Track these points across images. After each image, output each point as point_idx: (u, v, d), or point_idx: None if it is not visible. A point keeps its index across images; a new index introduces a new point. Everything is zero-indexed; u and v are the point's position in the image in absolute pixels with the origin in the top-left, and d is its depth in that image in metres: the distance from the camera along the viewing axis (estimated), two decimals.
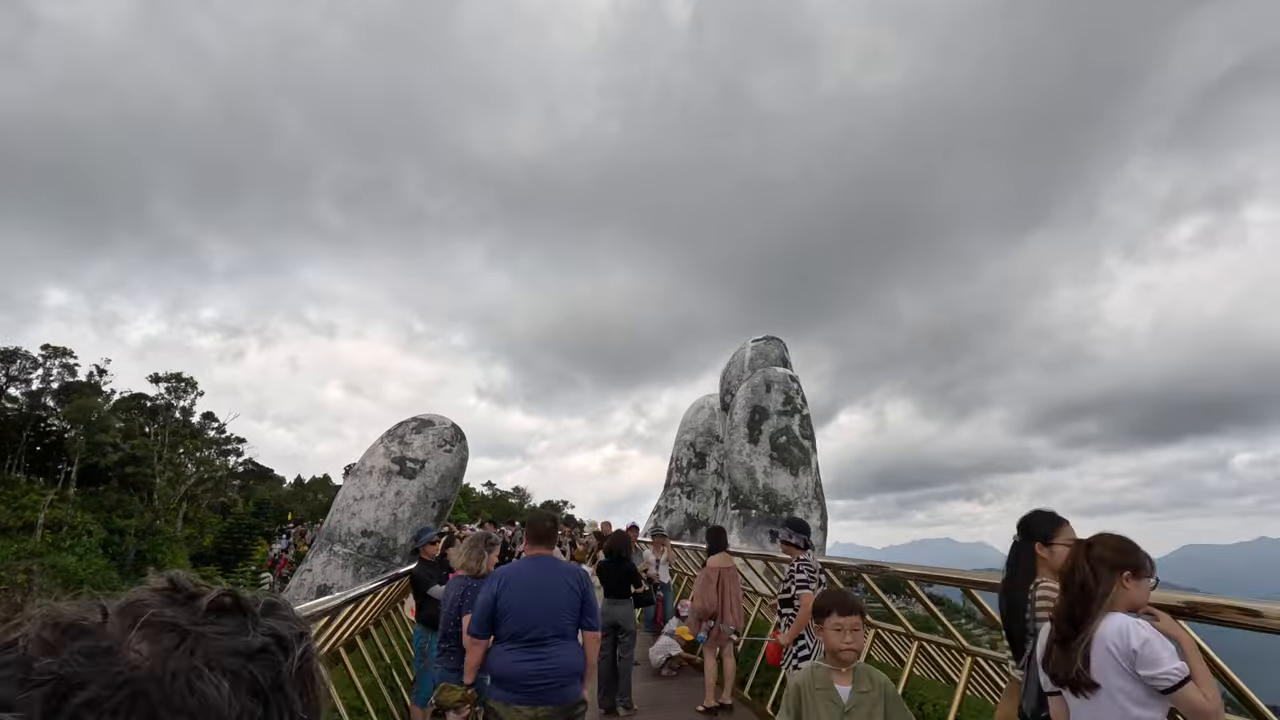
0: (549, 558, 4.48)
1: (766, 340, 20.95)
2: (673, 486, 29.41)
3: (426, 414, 24.72)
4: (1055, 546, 4.04)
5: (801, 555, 5.76)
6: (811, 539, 5.93)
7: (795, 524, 5.98)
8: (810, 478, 16.02)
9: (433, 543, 7.19)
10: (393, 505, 22.26)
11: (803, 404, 16.76)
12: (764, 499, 15.62)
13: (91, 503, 38.86)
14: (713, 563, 7.91)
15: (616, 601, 7.83)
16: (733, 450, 16.46)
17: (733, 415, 16.99)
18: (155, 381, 48.48)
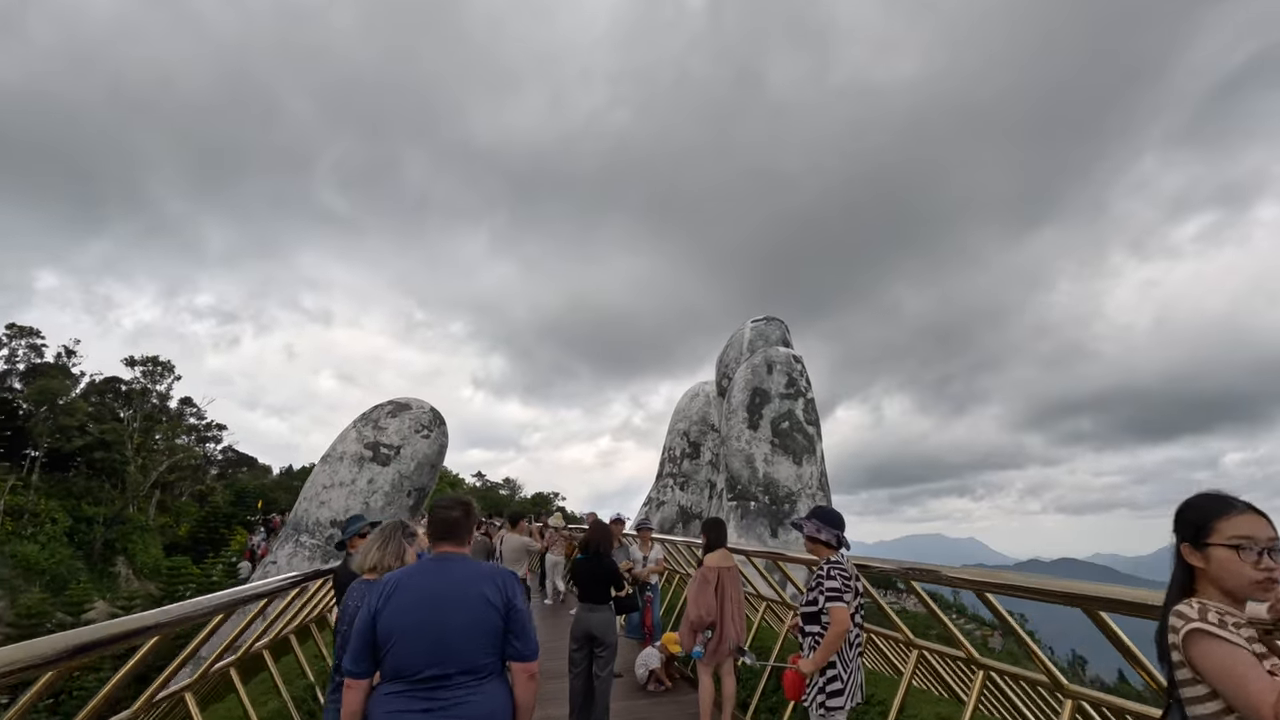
0: (458, 558, 3.07)
1: (767, 321, 19.56)
2: (665, 478, 28.10)
3: (404, 397, 23.27)
4: (1213, 549, 2.66)
5: (833, 556, 4.38)
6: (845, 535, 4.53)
7: (825, 515, 4.57)
8: (815, 467, 14.66)
9: (363, 535, 5.79)
10: (365, 493, 20.84)
11: (807, 387, 15.39)
12: (764, 490, 14.27)
13: (58, 489, 37.21)
14: (710, 561, 6.52)
15: (593, 607, 6.44)
16: (730, 436, 15.08)
17: (730, 399, 15.60)
18: (131, 365, 46.80)
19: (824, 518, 4.53)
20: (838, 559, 4.37)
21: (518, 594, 3.06)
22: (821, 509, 4.65)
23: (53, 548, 32.85)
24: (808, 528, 4.50)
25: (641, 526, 9.36)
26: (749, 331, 19.28)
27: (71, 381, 40.47)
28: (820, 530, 4.45)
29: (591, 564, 6.57)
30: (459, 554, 3.10)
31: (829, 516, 4.55)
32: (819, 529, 4.46)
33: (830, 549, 4.44)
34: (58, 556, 32.57)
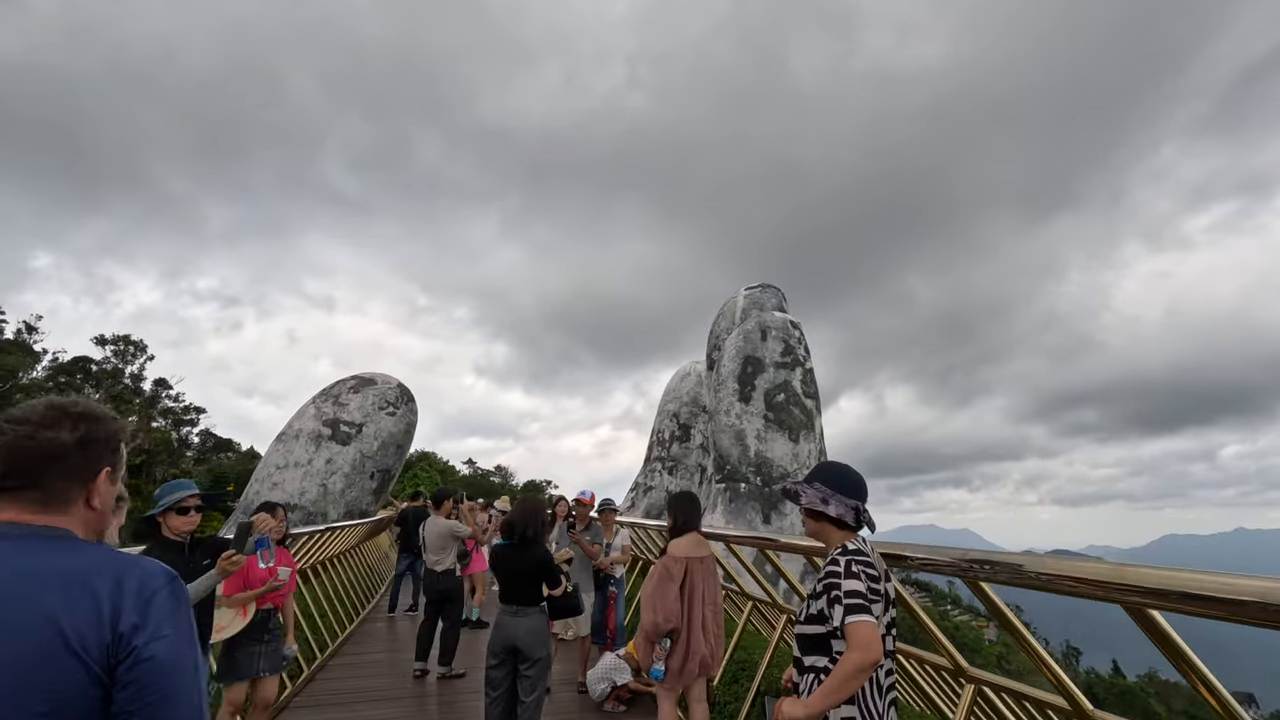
0: (27, 535, 1.39)
1: (762, 288, 17.86)
2: (653, 462, 26.47)
3: (369, 372, 21.53)
4: None
5: (850, 541, 2.70)
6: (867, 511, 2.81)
7: (835, 476, 2.83)
8: (814, 444, 13.01)
9: (184, 510, 4.10)
10: (322, 474, 19.10)
11: (805, 355, 13.71)
12: (756, 470, 12.62)
13: None
14: (677, 550, 4.85)
15: (518, 611, 4.78)
16: (719, 411, 13.41)
17: (720, 369, 13.92)
18: (101, 344, 44.95)
19: (833, 480, 2.80)
20: (858, 546, 2.69)
21: (167, 617, 1.40)
22: (830, 466, 2.90)
23: None
24: (807, 496, 2.78)
25: (604, 507, 7.68)
26: (742, 299, 17.58)
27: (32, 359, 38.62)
28: (828, 500, 2.75)
29: (516, 553, 4.89)
30: (35, 527, 1.43)
31: (841, 478, 2.81)
32: (825, 498, 2.75)
33: (845, 530, 2.75)
34: None
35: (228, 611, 4.93)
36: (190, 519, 4.04)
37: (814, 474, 2.85)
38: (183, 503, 4.02)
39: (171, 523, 4.00)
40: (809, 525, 2.84)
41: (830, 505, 2.72)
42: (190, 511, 4.03)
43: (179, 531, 4.01)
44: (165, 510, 4.02)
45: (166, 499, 4.02)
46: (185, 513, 4.02)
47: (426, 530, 7.49)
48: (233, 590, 4.93)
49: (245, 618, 4.96)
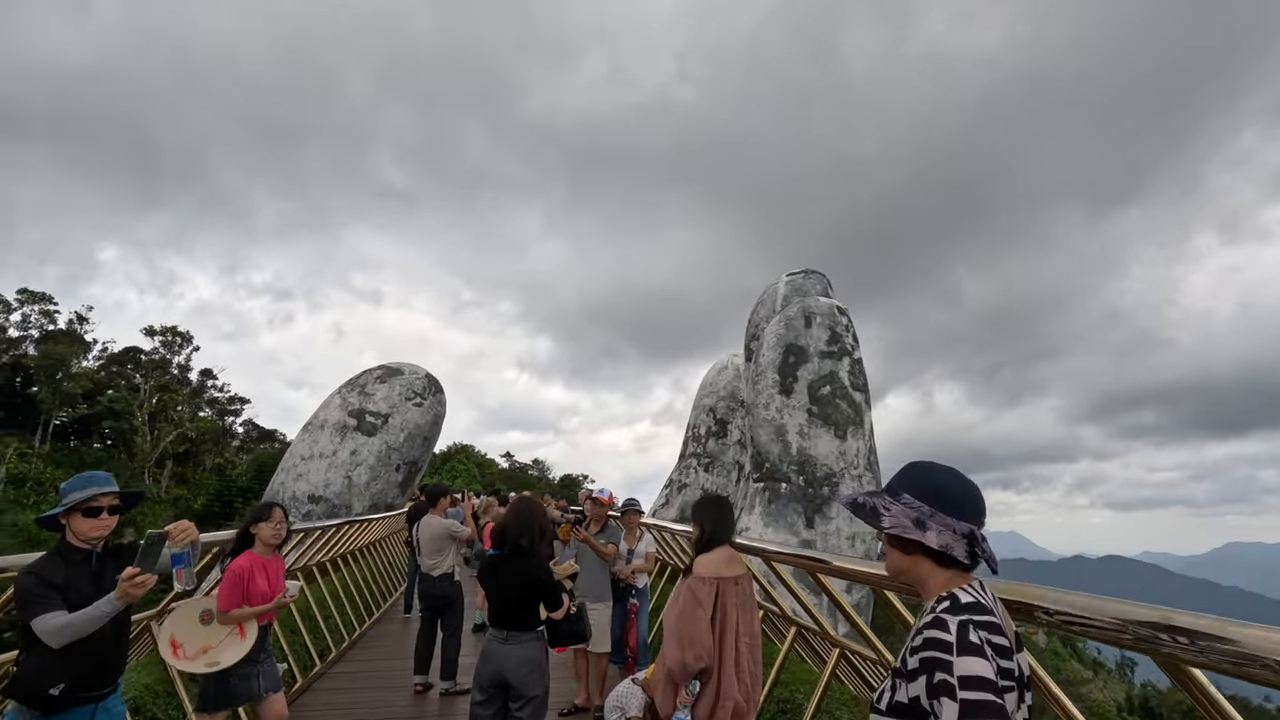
0: None
1: (805, 274, 16.71)
2: (688, 458, 25.52)
3: (397, 361, 21.05)
4: None
5: (962, 589, 1.68)
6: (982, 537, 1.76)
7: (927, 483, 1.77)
8: (863, 441, 11.87)
9: (93, 512, 3.30)
10: (347, 466, 18.63)
11: (854, 345, 12.56)
12: (798, 468, 11.56)
13: (70, 458, 36.40)
14: (706, 567, 3.91)
15: (510, 636, 3.91)
16: (758, 404, 12.37)
17: (759, 359, 12.87)
18: (150, 334, 46.01)
19: (930, 490, 1.73)
20: (975, 598, 1.67)
21: None
22: (925, 471, 1.82)
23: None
24: (891, 514, 1.74)
25: (627, 508, 6.75)
26: (784, 286, 16.46)
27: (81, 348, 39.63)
28: (924, 523, 1.70)
29: (507, 566, 4.01)
30: None
31: (942, 488, 1.72)
32: (920, 518, 1.71)
33: (953, 570, 1.73)
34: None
35: (219, 630, 4.11)
36: (101, 522, 3.15)
37: (900, 480, 1.77)
38: (92, 501, 3.12)
39: (76, 525, 3.11)
40: (894, 560, 1.81)
41: (929, 530, 1.70)
42: (101, 513, 3.14)
43: (86, 538, 3.13)
44: (69, 510, 3.20)
45: (71, 496, 3.13)
46: (94, 514, 3.13)
47: (421, 531, 6.70)
48: (229, 605, 4.10)
49: (244, 639, 4.13)
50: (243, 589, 4.16)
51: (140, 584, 2.94)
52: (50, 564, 3.07)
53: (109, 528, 3.22)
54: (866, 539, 11.31)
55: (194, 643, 4.06)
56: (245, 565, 4.23)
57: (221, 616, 4.10)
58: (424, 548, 6.65)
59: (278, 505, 4.59)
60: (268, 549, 4.42)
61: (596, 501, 6.61)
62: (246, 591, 4.17)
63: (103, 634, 3.01)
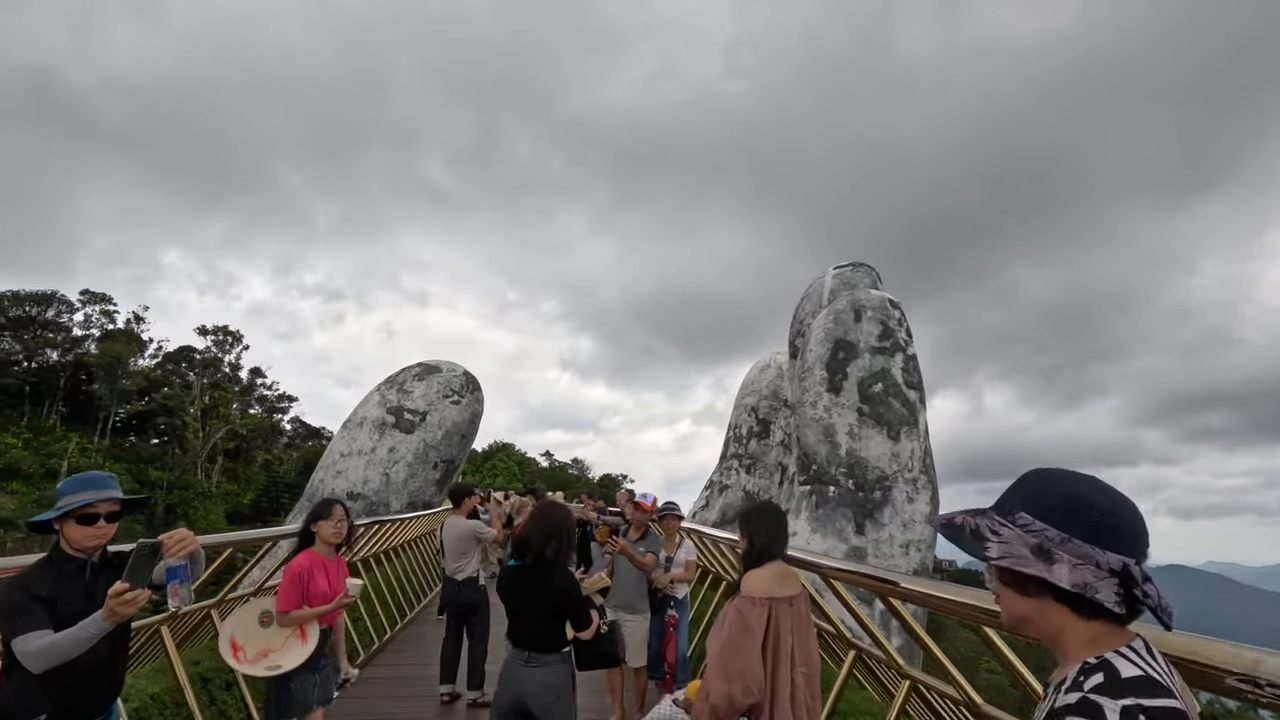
0: None
1: (854, 267, 15.94)
2: (729, 459, 24.93)
3: (435, 359, 20.99)
4: None
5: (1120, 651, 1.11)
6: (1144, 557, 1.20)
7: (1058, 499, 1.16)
8: (917, 443, 11.13)
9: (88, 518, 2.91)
10: (385, 463, 18.60)
11: (907, 340, 11.81)
12: (847, 471, 10.89)
13: (129, 453, 37.67)
14: (756, 586, 3.38)
15: (531, 658, 3.46)
16: (804, 403, 11.73)
17: (805, 355, 12.23)
18: (203, 334, 47.42)
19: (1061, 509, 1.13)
20: (1142, 667, 1.11)
21: None
22: (1054, 481, 1.18)
23: None
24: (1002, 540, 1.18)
25: (665, 512, 6.23)
26: (830, 280, 15.72)
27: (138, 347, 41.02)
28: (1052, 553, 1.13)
29: (530, 580, 3.56)
30: None
31: (1077, 507, 1.11)
32: (1044, 545, 1.13)
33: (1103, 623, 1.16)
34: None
35: (279, 633, 3.86)
36: (96, 531, 2.72)
37: (1016, 494, 1.23)
38: (88, 508, 2.70)
39: (71, 533, 2.70)
40: (1011, 604, 1.22)
41: (1057, 563, 1.13)
42: (98, 520, 2.71)
43: (80, 546, 2.72)
44: (63, 516, 2.71)
45: (66, 500, 2.72)
46: (90, 522, 2.70)
47: (444, 533, 6.32)
48: (289, 606, 3.85)
49: (305, 642, 3.88)
50: (302, 589, 3.89)
51: (129, 601, 2.50)
52: (38, 574, 2.67)
53: (105, 537, 2.79)
54: (923, 547, 10.58)
55: (255, 645, 3.83)
56: (305, 564, 3.96)
57: (281, 618, 3.85)
58: (448, 550, 6.27)
59: (338, 503, 4.29)
60: (328, 548, 4.16)
61: (638, 506, 6.09)
62: (306, 592, 3.89)
63: (94, 653, 2.58)
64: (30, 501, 29.99)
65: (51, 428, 35.58)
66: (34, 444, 32.69)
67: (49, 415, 36.88)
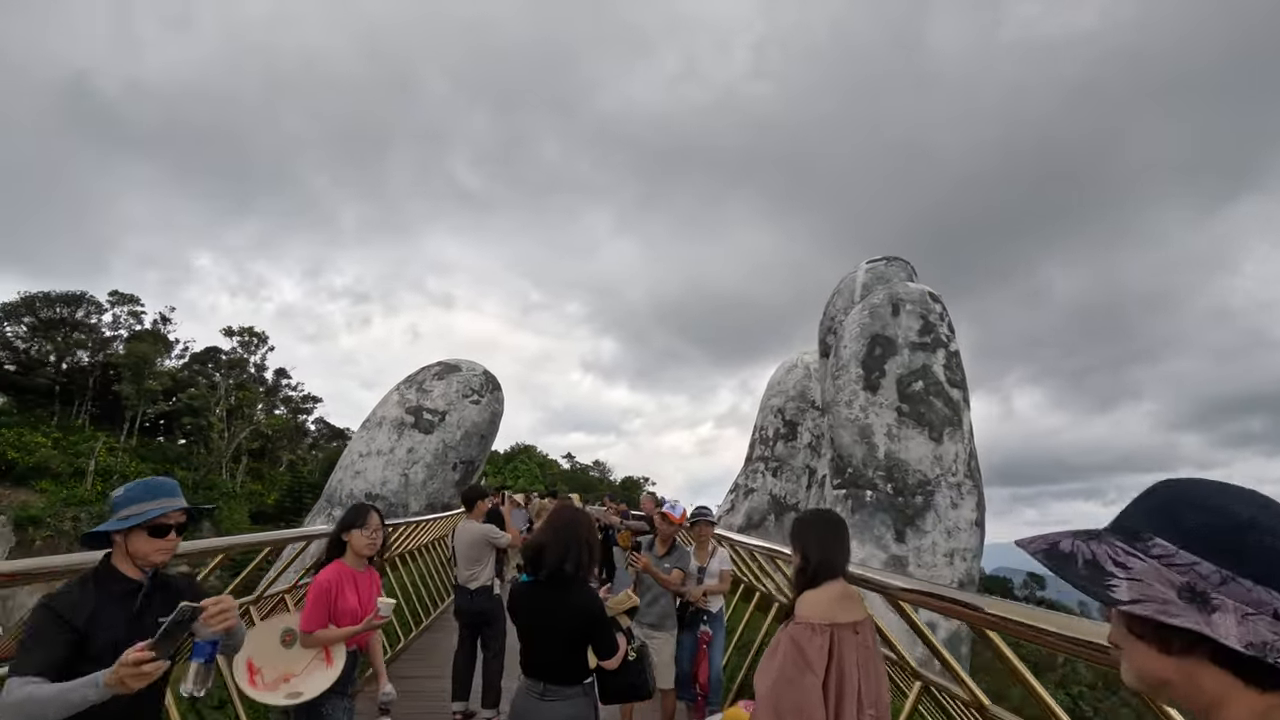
0: None
1: (887, 262, 15.26)
2: (755, 461, 24.30)
3: (455, 359, 20.67)
4: None
5: None
6: None
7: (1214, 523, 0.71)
8: (961, 445, 10.45)
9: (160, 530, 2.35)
10: (403, 464, 18.27)
11: (949, 335, 11.14)
12: (886, 474, 10.25)
13: (155, 453, 38.03)
14: (813, 610, 2.82)
15: (548, 690, 2.94)
16: (839, 402, 11.11)
17: (839, 352, 11.60)
18: (229, 335, 47.87)
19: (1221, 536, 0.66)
20: None
21: None
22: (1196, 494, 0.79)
23: None
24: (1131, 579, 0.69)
25: (697, 518, 5.67)
26: (863, 274, 15.06)
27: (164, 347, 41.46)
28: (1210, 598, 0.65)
29: (545, 598, 3.05)
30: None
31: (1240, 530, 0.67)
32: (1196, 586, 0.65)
33: None
34: None
35: (302, 655, 3.39)
36: (168, 544, 2.31)
37: (1147, 512, 0.84)
38: (162, 519, 2.27)
39: (138, 546, 2.24)
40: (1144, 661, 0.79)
41: (1218, 610, 0.68)
42: (169, 533, 2.30)
43: (145, 562, 2.28)
44: (131, 526, 2.24)
45: (134, 508, 2.25)
46: (162, 534, 2.28)
47: (457, 538, 5.83)
48: (315, 625, 3.36)
49: (330, 666, 3.41)
50: (329, 606, 3.39)
51: (145, 674, 2.00)
52: (78, 595, 2.18)
53: (174, 551, 2.37)
54: (968, 556, 9.91)
55: (274, 668, 3.33)
56: (333, 578, 3.45)
57: (305, 638, 3.35)
58: (460, 557, 5.79)
59: (374, 509, 3.76)
60: (360, 560, 3.63)
61: (665, 518, 5.47)
62: (334, 609, 3.40)
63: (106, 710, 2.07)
64: (58, 500, 30.41)
65: (80, 427, 36.08)
66: (63, 443, 33.17)
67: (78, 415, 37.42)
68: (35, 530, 29.67)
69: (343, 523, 3.66)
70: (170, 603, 2.26)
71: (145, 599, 2.28)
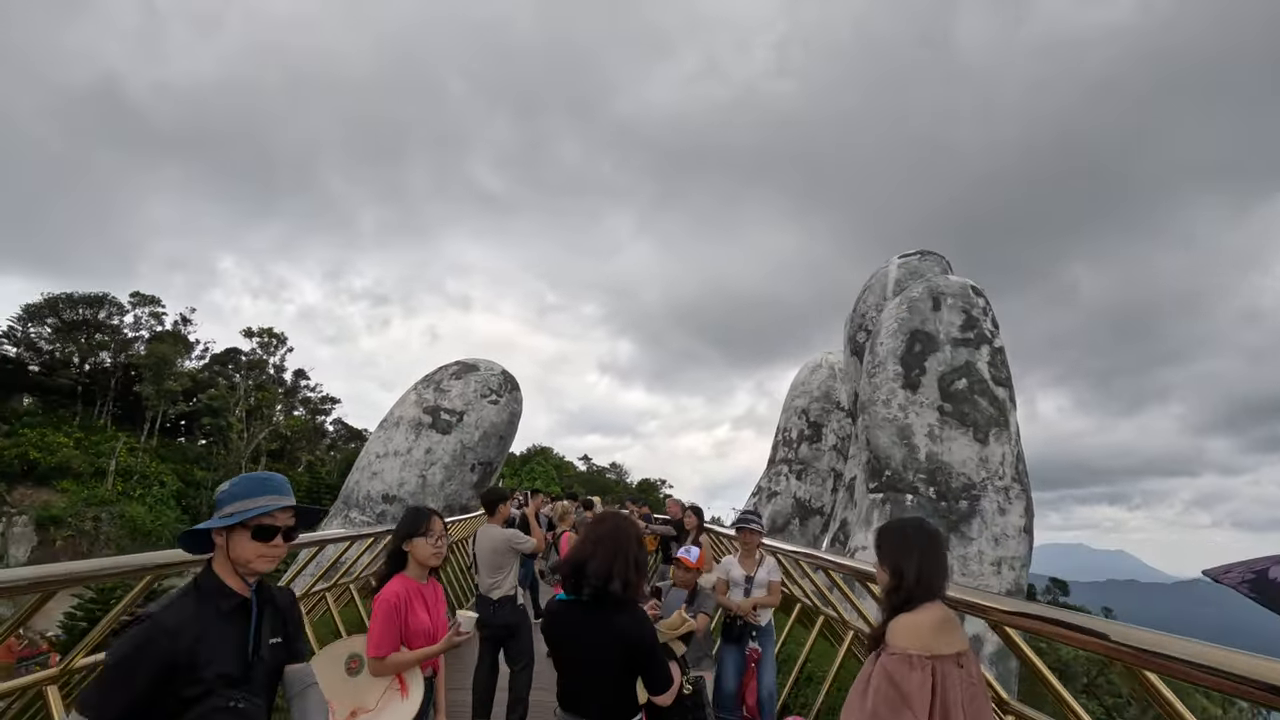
0: None
1: (921, 256, 14.67)
2: (778, 464, 23.73)
3: (473, 358, 20.31)
4: None
5: None
6: None
7: None
8: (1008, 446, 9.86)
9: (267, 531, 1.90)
10: (421, 465, 17.89)
11: (993, 331, 10.55)
12: (927, 478, 9.69)
13: (175, 453, 38.15)
14: (912, 636, 2.36)
15: None
16: (875, 401, 10.56)
17: (876, 349, 11.05)
18: (249, 336, 48.06)
19: None
20: None
21: None
22: None
23: (160, 511, 33.32)
24: None
25: (743, 523, 5.14)
26: (895, 269, 14.49)
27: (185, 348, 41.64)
28: None
29: (586, 621, 2.60)
30: None
31: None
32: None
33: None
34: (164, 520, 32.98)
35: (372, 685, 2.84)
36: (275, 550, 1.93)
37: None
38: (267, 518, 1.90)
39: (241, 550, 1.87)
40: None
41: None
42: (277, 535, 1.91)
43: (248, 569, 1.89)
44: (233, 525, 1.87)
45: (238, 505, 1.88)
46: (268, 536, 1.90)
47: (478, 544, 5.38)
48: (385, 648, 2.83)
49: (406, 697, 2.85)
50: (400, 626, 2.88)
51: None
52: (183, 611, 1.75)
53: (280, 559, 1.97)
54: (1016, 565, 9.32)
55: (342, 703, 2.78)
56: (400, 593, 2.95)
57: (376, 665, 2.84)
58: (482, 564, 5.33)
59: (435, 513, 3.28)
60: (423, 571, 3.14)
61: (680, 564, 4.78)
62: (405, 629, 2.89)
63: None
64: (80, 500, 30.55)
65: (102, 427, 36.30)
66: (84, 443, 33.35)
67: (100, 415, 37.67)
68: (56, 530, 29.80)
69: (403, 530, 3.15)
70: (277, 623, 1.93)
71: (258, 619, 1.87)
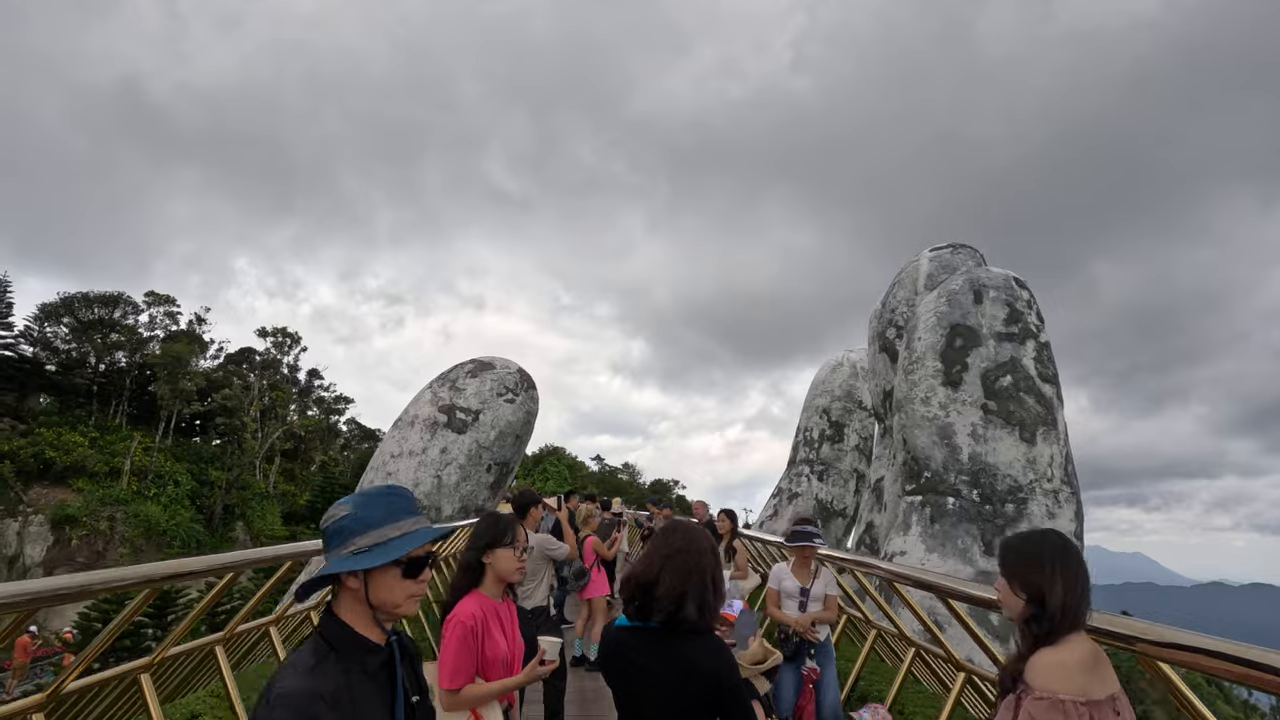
0: None
1: (953, 249, 14.14)
2: (799, 465, 23.26)
3: (489, 356, 19.97)
4: None
5: None
6: None
7: None
8: (1057, 447, 9.35)
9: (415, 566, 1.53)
10: (436, 465, 17.54)
11: (1039, 325, 10.03)
12: (970, 480, 9.19)
13: (189, 453, 38.14)
14: (1061, 679, 1.91)
15: None
16: (913, 399, 10.08)
17: (913, 344, 10.56)
18: (263, 335, 48.08)
19: None
20: None
21: None
22: None
23: (175, 510, 33.26)
24: None
25: (803, 538, 4.64)
26: (926, 263, 13.97)
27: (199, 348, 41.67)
28: None
29: (654, 652, 2.18)
30: None
31: None
32: None
33: None
34: (179, 519, 32.92)
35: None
36: (421, 587, 1.57)
37: None
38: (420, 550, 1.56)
39: (390, 593, 1.50)
40: None
41: None
42: (424, 569, 1.56)
43: (392, 613, 1.53)
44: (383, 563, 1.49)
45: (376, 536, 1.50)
46: (416, 571, 1.54)
47: None
48: (461, 679, 2.41)
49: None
50: (477, 652, 2.45)
51: None
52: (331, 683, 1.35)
53: (421, 596, 1.61)
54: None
55: None
56: (477, 614, 2.51)
57: (447, 698, 2.40)
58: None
59: (518, 521, 2.86)
60: (499, 588, 2.68)
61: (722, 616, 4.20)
62: (482, 657, 2.46)
63: None
64: (95, 499, 30.55)
65: (118, 427, 36.34)
66: (100, 443, 33.37)
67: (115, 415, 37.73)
68: (72, 529, 29.80)
69: (482, 539, 2.69)
70: (412, 676, 1.57)
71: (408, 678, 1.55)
